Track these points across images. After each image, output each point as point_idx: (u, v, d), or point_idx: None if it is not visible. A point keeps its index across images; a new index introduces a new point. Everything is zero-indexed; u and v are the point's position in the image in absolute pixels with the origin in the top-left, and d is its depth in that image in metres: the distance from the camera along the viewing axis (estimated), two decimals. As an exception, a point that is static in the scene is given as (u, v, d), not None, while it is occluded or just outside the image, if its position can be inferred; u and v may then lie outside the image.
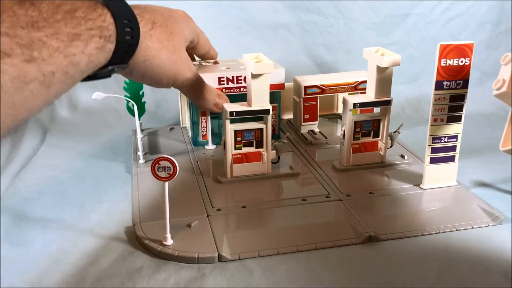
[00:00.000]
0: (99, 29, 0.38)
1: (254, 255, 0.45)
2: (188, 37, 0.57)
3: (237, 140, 0.58)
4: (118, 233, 0.50)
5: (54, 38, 0.34)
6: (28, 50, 0.32)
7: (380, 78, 0.59)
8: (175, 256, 0.45)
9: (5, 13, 0.32)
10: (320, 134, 0.73)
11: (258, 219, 0.51)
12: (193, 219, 0.50)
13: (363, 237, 0.48)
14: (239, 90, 0.67)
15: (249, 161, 0.59)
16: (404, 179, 0.60)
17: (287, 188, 0.58)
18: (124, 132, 0.78)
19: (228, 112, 0.56)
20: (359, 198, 0.55)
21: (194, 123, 0.69)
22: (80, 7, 0.37)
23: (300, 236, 0.48)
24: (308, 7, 0.94)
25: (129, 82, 0.67)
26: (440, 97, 0.53)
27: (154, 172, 0.45)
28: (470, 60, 0.52)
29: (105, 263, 0.45)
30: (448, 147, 0.56)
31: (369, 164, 0.63)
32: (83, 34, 0.37)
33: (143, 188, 0.58)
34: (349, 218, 0.51)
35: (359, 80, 0.73)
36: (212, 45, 0.66)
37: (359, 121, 0.61)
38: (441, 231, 0.49)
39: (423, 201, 0.55)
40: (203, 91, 0.58)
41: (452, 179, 0.58)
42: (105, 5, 0.40)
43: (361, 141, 0.62)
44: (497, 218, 0.51)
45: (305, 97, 0.72)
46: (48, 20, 0.34)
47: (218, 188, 0.58)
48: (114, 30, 0.40)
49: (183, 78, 0.54)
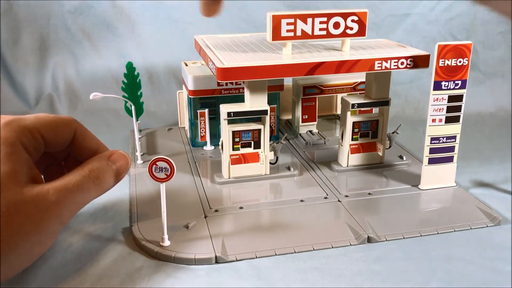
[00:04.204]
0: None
1: (251, 256, 0.45)
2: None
3: (235, 141, 0.58)
4: (116, 234, 0.50)
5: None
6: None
7: (379, 78, 0.59)
8: (173, 257, 0.45)
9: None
10: (318, 135, 0.73)
11: (255, 220, 0.51)
12: (191, 220, 0.50)
13: (361, 238, 0.48)
14: (237, 91, 0.67)
15: (247, 162, 0.59)
16: (402, 180, 0.59)
17: (285, 189, 0.58)
18: (123, 132, 0.78)
19: (225, 113, 0.56)
20: (358, 199, 0.55)
21: (192, 123, 0.69)
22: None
23: (298, 237, 0.48)
24: (308, 7, 0.94)
25: (127, 82, 0.67)
26: (439, 98, 0.53)
27: (151, 173, 0.45)
28: (468, 60, 0.52)
29: (103, 263, 0.45)
30: (447, 147, 0.56)
31: (368, 165, 0.63)
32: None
33: (141, 188, 0.58)
34: (347, 219, 0.51)
35: (358, 81, 0.73)
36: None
37: (357, 121, 0.61)
38: (439, 232, 0.49)
39: (422, 202, 0.55)
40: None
41: (450, 180, 0.57)
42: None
43: (359, 142, 0.62)
44: (496, 218, 0.51)
45: (304, 97, 0.72)
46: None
47: (215, 189, 0.58)
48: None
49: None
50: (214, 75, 0.54)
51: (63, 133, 0.45)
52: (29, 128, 0.42)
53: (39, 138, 0.43)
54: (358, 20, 0.55)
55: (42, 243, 0.41)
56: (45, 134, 0.44)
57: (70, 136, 0.46)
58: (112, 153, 0.47)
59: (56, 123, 0.45)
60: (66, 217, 0.42)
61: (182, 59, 0.77)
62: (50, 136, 0.44)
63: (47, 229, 0.40)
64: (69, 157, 0.49)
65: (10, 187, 0.38)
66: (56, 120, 0.45)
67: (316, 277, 0.43)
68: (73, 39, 0.94)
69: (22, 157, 0.41)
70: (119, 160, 0.46)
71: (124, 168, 0.47)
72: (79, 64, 0.94)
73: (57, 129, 0.45)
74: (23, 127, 0.42)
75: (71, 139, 0.46)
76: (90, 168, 0.44)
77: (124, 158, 0.47)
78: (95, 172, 0.44)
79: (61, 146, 0.46)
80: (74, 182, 0.42)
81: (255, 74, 0.52)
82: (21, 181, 0.39)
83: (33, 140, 0.43)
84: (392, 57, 0.55)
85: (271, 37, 0.54)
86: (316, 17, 0.54)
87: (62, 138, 0.45)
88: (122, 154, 0.47)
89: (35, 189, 0.39)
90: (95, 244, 0.48)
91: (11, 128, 0.41)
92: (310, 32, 0.55)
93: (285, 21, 0.53)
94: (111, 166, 0.46)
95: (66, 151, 0.47)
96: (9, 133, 0.40)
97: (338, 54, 0.56)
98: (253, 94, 0.56)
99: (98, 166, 0.45)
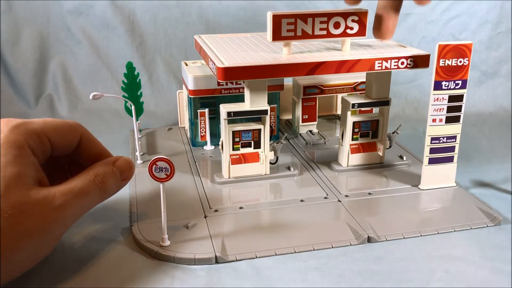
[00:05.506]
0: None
1: (251, 256, 0.45)
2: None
3: (235, 140, 0.58)
4: (116, 234, 0.50)
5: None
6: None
7: (379, 78, 0.59)
8: (173, 257, 0.45)
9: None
10: (318, 135, 0.73)
11: (255, 220, 0.51)
12: (191, 220, 0.50)
13: (361, 238, 0.48)
14: (238, 91, 0.67)
15: (247, 162, 0.59)
16: (402, 179, 0.59)
17: (285, 189, 0.58)
18: (123, 132, 0.78)
19: (226, 113, 0.56)
20: (358, 199, 0.55)
21: (192, 123, 0.69)
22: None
23: (298, 237, 0.48)
24: (308, 7, 0.94)
25: (127, 82, 0.67)
26: (439, 98, 0.53)
27: (151, 173, 0.45)
28: (469, 60, 0.52)
29: (103, 264, 0.45)
30: (447, 147, 0.56)
31: (368, 165, 0.63)
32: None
33: (141, 188, 0.58)
34: (347, 219, 0.51)
35: (359, 81, 0.73)
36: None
37: (358, 121, 0.61)
38: (439, 232, 0.49)
39: (422, 202, 0.55)
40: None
41: (450, 180, 0.57)
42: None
43: (359, 142, 0.62)
44: (496, 218, 0.51)
45: (304, 97, 0.72)
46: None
47: (215, 189, 0.58)
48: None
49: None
50: (214, 75, 0.54)
51: (70, 137, 0.46)
52: (37, 132, 0.43)
53: (46, 142, 0.44)
54: (358, 20, 0.55)
55: (46, 246, 0.41)
56: (52, 138, 0.44)
57: (76, 140, 0.47)
58: (117, 159, 0.47)
59: (63, 127, 0.45)
60: (70, 221, 0.43)
61: (182, 59, 0.77)
62: (57, 140, 0.45)
63: (51, 232, 0.41)
64: (72, 162, 0.49)
65: (17, 189, 0.38)
66: (63, 124, 0.46)
67: (316, 277, 0.43)
68: (73, 39, 0.94)
69: (30, 160, 0.41)
70: (123, 166, 0.47)
71: (128, 174, 0.48)
72: (79, 64, 0.93)
73: (64, 134, 0.45)
74: (31, 130, 0.42)
75: (77, 143, 0.47)
76: (95, 173, 0.45)
77: (128, 164, 0.48)
78: (100, 177, 0.45)
79: (67, 151, 0.47)
80: (80, 187, 0.42)
81: (255, 74, 0.52)
82: (28, 184, 0.39)
83: (40, 144, 0.43)
84: (392, 57, 0.55)
85: (271, 37, 0.54)
86: (316, 17, 0.54)
87: (68, 142, 0.46)
88: (127, 160, 0.48)
89: (42, 192, 0.40)
90: (95, 244, 0.48)
91: (20, 132, 0.41)
92: (311, 32, 0.55)
93: (285, 21, 0.53)
94: (115, 171, 0.46)
95: (70, 156, 0.48)
96: (18, 136, 0.41)
97: (339, 54, 0.56)
98: (253, 94, 0.56)
99: (103, 171, 0.45)
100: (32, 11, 0.92)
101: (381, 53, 0.56)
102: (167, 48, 0.95)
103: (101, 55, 0.94)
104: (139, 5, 0.94)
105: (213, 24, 0.95)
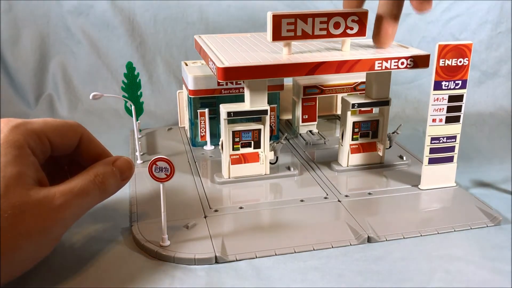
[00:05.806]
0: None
1: (251, 256, 0.45)
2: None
3: (235, 140, 0.58)
4: (116, 234, 0.50)
5: None
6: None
7: (379, 78, 0.59)
8: (173, 257, 0.45)
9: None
10: (318, 135, 0.73)
11: (255, 220, 0.51)
12: (191, 220, 0.50)
13: (361, 238, 0.48)
14: (238, 91, 0.67)
15: (247, 162, 0.59)
16: (402, 180, 0.59)
17: (285, 189, 0.58)
18: (123, 132, 0.78)
19: (226, 113, 0.56)
20: (358, 199, 0.55)
21: (192, 123, 0.69)
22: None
23: (298, 237, 0.48)
24: (308, 7, 0.94)
25: (127, 82, 0.67)
26: (439, 97, 0.53)
27: (151, 173, 0.45)
28: (469, 60, 0.52)
29: (103, 264, 0.45)
30: (447, 147, 0.56)
31: (368, 165, 0.63)
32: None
33: (141, 188, 0.58)
34: (347, 219, 0.51)
35: (358, 81, 0.73)
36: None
37: (357, 121, 0.61)
38: (439, 232, 0.49)
39: (422, 202, 0.55)
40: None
41: (450, 180, 0.57)
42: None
43: (359, 142, 0.62)
44: (496, 218, 0.51)
45: (304, 97, 0.72)
46: None
47: (215, 189, 0.58)
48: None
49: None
50: (214, 75, 0.54)
51: (70, 137, 0.46)
52: (37, 132, 0.43)
53: (46, 142, 0.44)
54: (358, 20, 0.55)
55: (46, 246, 0.41)
56: (52, 138, 0.44)
57: (76, 141, 0.47)
58: (117, 159, 0.47)
59: (63, 127, 0.45)
60: (70, 221, 0.43)
61: (182, 59, 0.77)
62: (57, 140, 0.45)
63: (51, 232, 0.41)
64: (72, 162, 0.49)
65: (17, 189, 0.38)
66: (63, 124, 0.46)
67: (316, 277, 0.43)
68: (73, 39, 0.94)
69: (29, 160, 0.41)
70: (123, 166, 0.47)
71: (128, 174, 0.48)
72: (79, 64, 0.93)
73: (64, 134, 0.45)
74: (31, 130, 0.42)
75: (77, 143, 0.47)
76: (95, 173, 0.45)
77: (128, 164, 0.48)
78: (100, 177, 0.45)
79: (67, 151, 0.47)
80: (80, 186, 0.42)
81: (255, 74, 0.52)
82: (28, 184, 0.39)
83: (40, 144, 0.43)
84: (392, 57, 0.55)
85: (271, 37, 0.54)
86: (316, 17, 0.54)
87: (68, 142, 0.46)
88: (126, 160, 0.48)
89: (42, 192, 0.40)
90: (95, 244, 0.48)
91: (20, 132, 0.41)
92: (311, 32, 0.55)
93: (285, 21, 0.53)
94: (115, 171, 0.46)
95: (70, 156, 0.48)
96: (18, 136, 0.41)
97: (339, 54, 0.56)
98: (253, 94, 0.56)
99: (103, 171, 0.45)
100: (32, 11, 0.92)
101: (381, 53, 0.56)
102: (167, 48, 0.95)
103: (101, 55, 0.94)
104: (139, 5, 0.94)
105: (213, 24, 0.95)
